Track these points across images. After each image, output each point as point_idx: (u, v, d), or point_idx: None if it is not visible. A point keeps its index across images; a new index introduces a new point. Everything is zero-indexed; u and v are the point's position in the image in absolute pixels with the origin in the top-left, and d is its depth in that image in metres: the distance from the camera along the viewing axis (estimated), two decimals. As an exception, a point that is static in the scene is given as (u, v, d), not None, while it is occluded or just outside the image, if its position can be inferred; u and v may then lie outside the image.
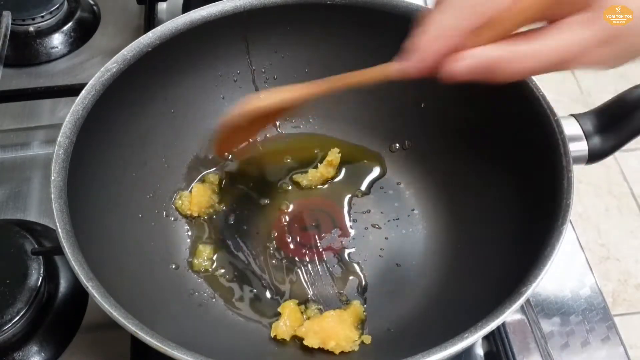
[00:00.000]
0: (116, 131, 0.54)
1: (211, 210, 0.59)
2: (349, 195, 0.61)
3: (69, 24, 0.76)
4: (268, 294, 0.55)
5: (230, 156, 0.63)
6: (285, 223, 0.59)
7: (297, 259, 0.57)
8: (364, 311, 0.54)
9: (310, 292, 0.55)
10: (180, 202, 0.59)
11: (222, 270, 0.56)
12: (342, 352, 0.50)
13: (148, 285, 0.52)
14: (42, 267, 0.52)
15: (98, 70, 0.51)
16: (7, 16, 0.70)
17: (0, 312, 0.50)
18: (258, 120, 0.51)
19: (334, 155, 0.61)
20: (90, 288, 0.41)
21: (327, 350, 0.50)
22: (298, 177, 0.62)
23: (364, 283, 0.56)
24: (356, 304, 0.54)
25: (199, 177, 0.61)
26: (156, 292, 0.52)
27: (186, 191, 0.60)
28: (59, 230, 0.43)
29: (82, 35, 0.77)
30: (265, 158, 0.63)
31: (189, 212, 0.58)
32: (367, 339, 0.51)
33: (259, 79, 0.63)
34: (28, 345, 0.52)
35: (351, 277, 0.56)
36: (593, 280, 0.58)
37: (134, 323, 0.40)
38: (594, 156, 0.52)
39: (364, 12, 0.57)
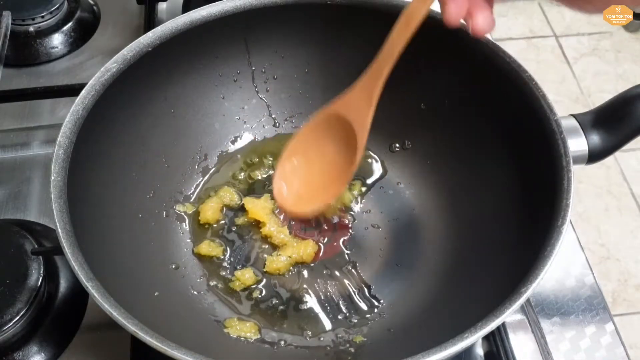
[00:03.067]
0: (116, 131, 0.54)
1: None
2: (349, 196, 0.61)
3: (69, 24, 0.76)
4: (264, 292, 0.55)
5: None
6: (286, 223, 0.59)
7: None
8: None
9: (310, 291, 0.55)
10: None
11: (223, 273, 0.56)
12: (339, 352, 0.51)
13: (148, 285, 0.52)
14: (42, 267, 0.52)
15: (98, 70, 0.51)
16: (7, 16, 0.70)
17: (0, 312, 0.50)
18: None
19: None
20: (90, 288, 0.41)
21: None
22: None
23: (363, 284, 0.56)
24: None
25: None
26: (156, 292, 0.52)
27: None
28: (59, 230, 0.43)
29: (82, 35, 0.77)
30: (264, 158, 0.63)
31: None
32: (359, 339, 0.52)
33: (259, 79, 0.63)
34: (28, 345, 0.52)
35: (351, 278, 0.56)
36: (593, 280, 0.58)
37: (134, 323, 0.40)
38: (594, 156, 0.52)
39: (364, 12, 0.57)
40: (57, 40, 0.75)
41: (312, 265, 0.57)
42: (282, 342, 0.52)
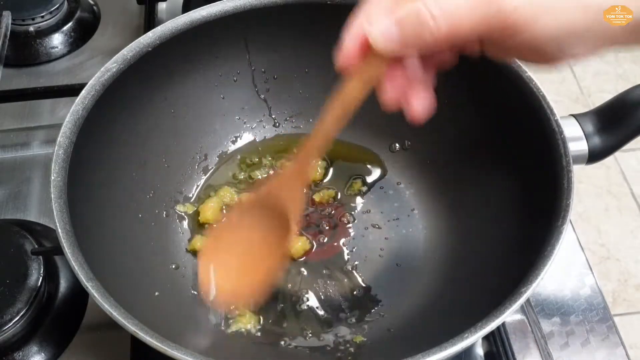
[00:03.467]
0: (116, 131, 0.54)
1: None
2: (349, 196, 0.61)
3: (69, 24, 0.76)
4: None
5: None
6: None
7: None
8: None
9: (310, 291, 0.55)
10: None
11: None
12: (339, 352, 0.51)
13: (148, 285, 0.52)
14: (42, 267, 0.52)
15: (98, 70, 0.51)
16: (7, 16, 0.70)
17: (0, 312, 0.50)
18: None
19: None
20: (90, 288, 0.41)
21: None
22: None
23: (363, 284, 0.56)
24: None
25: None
26: (156, 292, 0.52)
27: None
28: (59, 230, 0.43)
29: (82, 35, 0.77)
30: (264, 158, 0.63)
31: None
32: (359, 339, 0.52)
33: (259, 79, 0.63)
34: (28, 345, 0.52)
35: (351, 278, 0.56)
36: (593, 280, 0.58)
37: (134, 323, 0.40)
38: (594, 156, 0.52)
39: (364, 12, 0.57)
40: (57, 40, 0.75)
41: (309, 264, 0.57)
42: (282, 342, 0.52)
